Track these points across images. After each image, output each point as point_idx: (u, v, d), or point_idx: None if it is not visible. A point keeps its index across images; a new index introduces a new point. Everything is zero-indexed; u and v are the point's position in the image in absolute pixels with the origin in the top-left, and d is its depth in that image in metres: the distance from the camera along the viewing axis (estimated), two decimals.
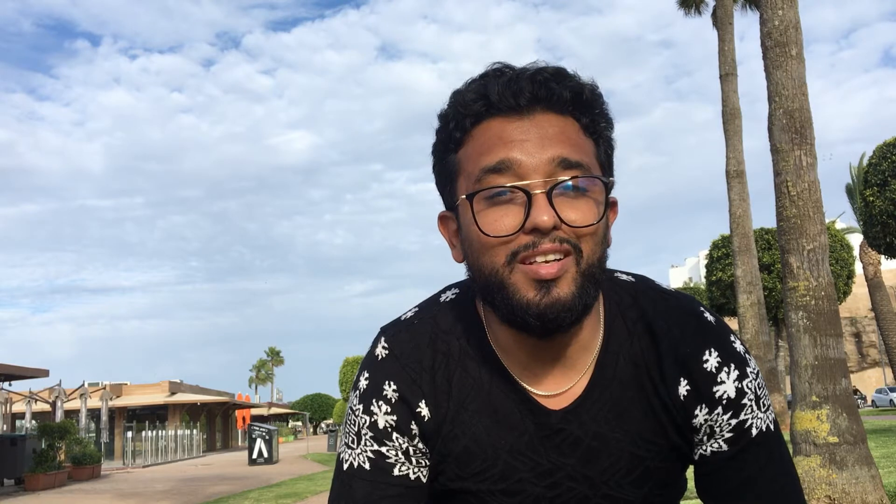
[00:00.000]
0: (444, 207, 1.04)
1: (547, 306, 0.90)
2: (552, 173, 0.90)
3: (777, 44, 6.56)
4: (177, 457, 31.78)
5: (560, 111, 0.94)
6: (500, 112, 0.94)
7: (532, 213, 0.88)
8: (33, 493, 15.57)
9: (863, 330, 60.77)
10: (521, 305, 0.91)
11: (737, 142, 17.47)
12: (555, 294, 0.90)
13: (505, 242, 0.91)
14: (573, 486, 1.02)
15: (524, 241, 0.90)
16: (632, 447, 1.01)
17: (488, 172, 0.92)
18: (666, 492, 1.06)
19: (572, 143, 0.93)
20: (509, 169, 0.91)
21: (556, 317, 0.90)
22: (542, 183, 0.89)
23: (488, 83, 0.95)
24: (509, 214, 0.91)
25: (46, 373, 22.00)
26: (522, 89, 0.93)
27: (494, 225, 0.91)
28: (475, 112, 0.95)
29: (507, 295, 0.92)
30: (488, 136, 0.94)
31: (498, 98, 0.94)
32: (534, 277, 0.90)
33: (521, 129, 0.93)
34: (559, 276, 0.89)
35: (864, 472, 5.82)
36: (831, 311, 6.13)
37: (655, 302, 1.04)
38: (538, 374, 1.01)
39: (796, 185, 6.29)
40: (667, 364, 1.00)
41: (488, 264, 0.93)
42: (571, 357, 1.00)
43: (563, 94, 0.94)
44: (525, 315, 0.91)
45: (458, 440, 1.02)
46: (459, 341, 1.04)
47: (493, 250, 0.92)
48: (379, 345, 1.06)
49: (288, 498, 11.93)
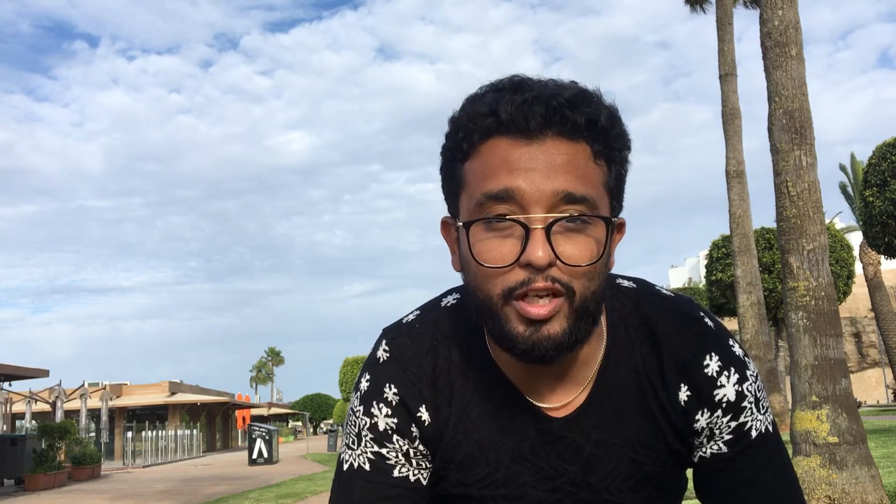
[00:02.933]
0: (446, 208, 1.03)
1: (535, 343, 0.89)
2: (555, 207, 0.87)
3: (777, 44, 6.56)
4: (177, 457, 31.76)
5: (572, 137, 0.90)
6: (510, 133, 0.90)
7: (528, 248, 0.86)
8: (33, 494, 15.57)
9: (863, 330, 60.76)
10: (511, 337, 0.90)
11: (737, 142, 17.46)
12: (545, 332, 0.89)
13: (500, 274, 0.89)
14: (574, 492, 1.03)
15: (519, 276, 0.88)
16: (631, 452, 1.02)
17: (490, 198, 0.89)
18: (664, 495, 1.07)
19: (580, 174, 0.89)
20: (511, 198, 0.88)
21: (543, 353, 0.90)
22: (542, 218, 0.87)
23: (501, 99, 0.90)
24: (506, 245, 0.89)
25: (46, 373, 22.02)
26: (535, 112, 0.88)
27: (490, 254, 0.89)
28: (484, 128, 0.91)
29: (499, 324, 0.91)
30: (494, 156, 0.90)
31: (508, 118, 0.89)
32: (525, 315, 0.89)
33: (528, 154, 0.89)
34: (550, 316, 0.89)
35: (864, 472, 5.82)
36: (831, 311, 6.13)
37: (656, 307, 1.04)
38: (538, 387, 1.01)
39: (796, 185, 6.29)
40: (668, 370, 1.00)
41: (483, 290, 0.91)
42: (571, 373, 1.00)
43: (577, 120, 0.89)
44: (513, 346, 0.91)
45: (460, 446, 1.02)
46: (461, 348, 1.04)
47: (488, 280, 0.90)
48: (380, 347, 1.06)
49: (288, 498, 11.93)
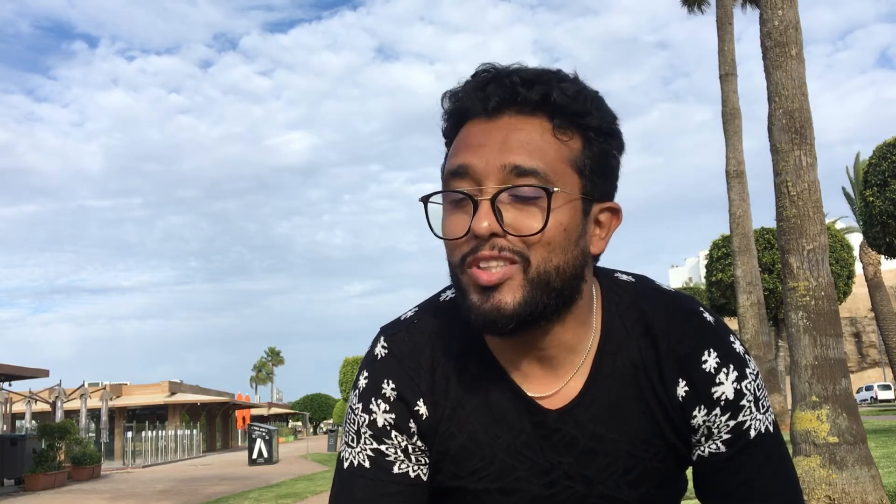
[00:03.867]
0: None
1: (486, 311, 0.92)
2: (505, 180, 0.91)
3: (777, 44, 6.56)
4: (177, 457, 31.77)
5: (529, 113, 0.94)
6: (474, 115, 0.97)
7: (474, 219, 0.90)
8: (33, 494, 15.57)
9: (863, 330, 60.76)
10: (468, 306, 0.94)
11: (737, 142, 17.45)
12: (495, 300, 0.91)
13: (457, 245, 0.94)
14: (570, 486, 1.02)
15: (471, 245, 0.92)
16: (629, 447, 1.01)
17: (450, 175, 0.95)
18: (664, 492, 1.06)
19: (533, 148, 0.92)
20: (466, 174, 0.93)
21: (493, 321, 0.92)
22: (490, 189, 0.91)
23: (466, 87, 0.98)
24: (461, 218, 0.93)
25: (46, 373, 22.02)
26: (491, 92, 0.95)
27: (447, 227, 0.95)
28: (454, 118, 0.99)
29: (461, 293, 0.95)
30: (460, 138, 0.97)
31: (470, 103, 0.96)
32: (476, 282, 0.92)
33: (484, 132, 0.94)
34: (500, 283, 0.91)
35: (864, 472, 5.82)
36: (831, 311, 6.13)
37: (655, 302, 1.04)
38: (527, 374, 1.02)
39: (796, 185, 6.29)
40: (665, 364, 1.00)
41: (451, 263, 0.96)
42: (555, 359, 1.01)
43: (529, 95, 0.93)
44: (470, 315, 0.94)
45: (455, 438, 1.03)
46: (458, 341, 1.05)
47: (452, 250, 0.95)
48: (378, 344, 1.07)
49: (288, 498, 11.93)
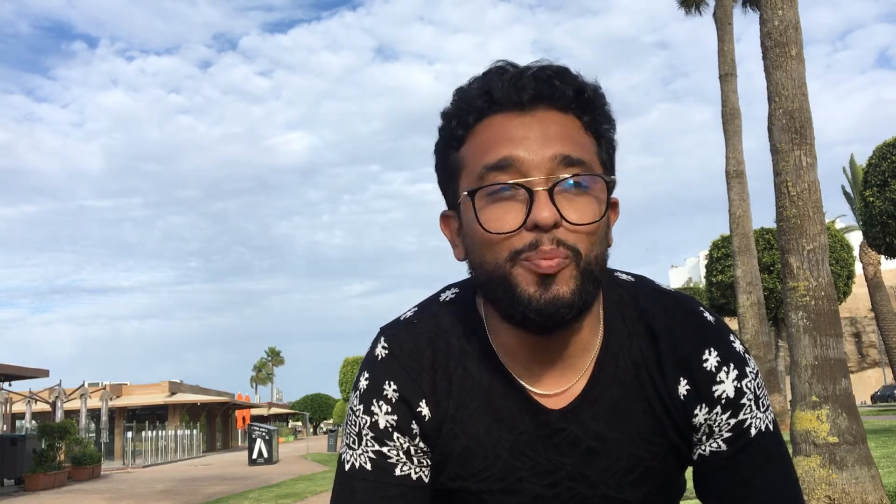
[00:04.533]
0: (445, 207, 1.04)
1: (546, 302, 0.90)
2: (554, 171, 0.90)
3: (777, 44, 6.55)
4: (177, 457, 31.74)
5: (562, 109, 0.95)
6: (503, 109, 0.94)
7: (533, 210, 0.88)
8: (33, 494, 15.56)
9: (863, 330, 60.75)
10: (523, 300, 0.91)
11: (736, 142, 17.45)
12: (554, 290, 0.90)
13: (507, 239, 0.91)
14: (572, 486, 1.02)
15: (526, 238, 0.89)
16: (631, 447, 1.01)
17: (490, 170, 0.92)
18: (664, 492, 1.06)
19: (574, 141, 0.93)
20: (511, 166, 0.91)
21: (555, 312, 0.90)
22: (543, 180, 0.89)
23: (491, 80, 0.95)
24: (511, 212, 0.91)
25: (46, 373, 22.01)
26: (525, 86, 0.93)
27: (496, 222, 0.91)
28: (478, 109, 0.95)
29: (508, 289, 0.91)
30: (490, 133, 0.94)
31: (501, 94, 0.94)
32: (535, 271, 0.90)
33: (523, 126, 0.93)
34: (558, 271, 0.90)
35: (864, 472, 5.82)
36: (831, 311, 6.13)
37: (655, 301, 1.04)
38: (538, 373, 1.01)
39: (796, 185, 6.29)
40: (667, 364, 1.00)
41: (491, 260, 0.93)
42: (571, 357, 1.00)
43: (565, 91, 0.94)
44: (526, 310, 0.91)
45: (458, 439, 1.02)
46: (460, 340, 1.04)
47: (495, 247, 0.92)
48: (379, 345, 1.06)
49: (288, 498, 11.92)
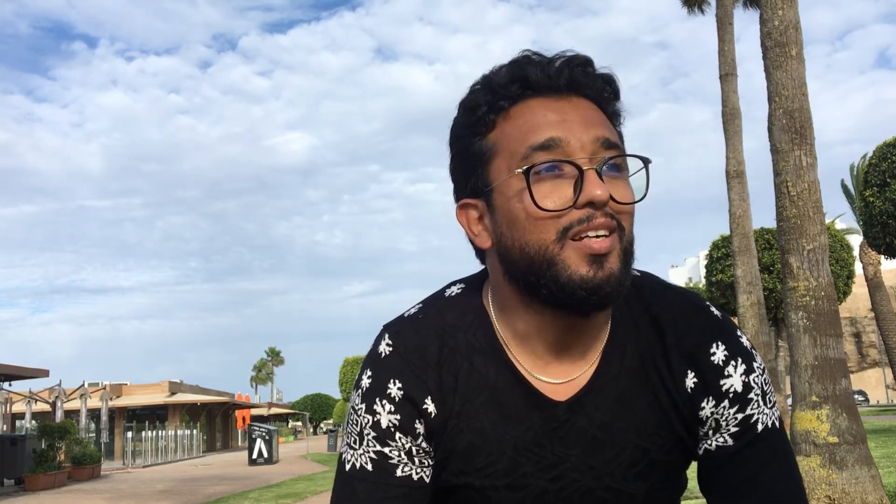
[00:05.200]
0: (454, 202, 1.03)
1: (602, 280, 0.90)
2: (597, 152, 0.92)
3: (777, 44, 6.56)
4: (177, 457, 31.75)
5: (592, 97, 0.98)
6: (539, 93, 0.96)
7: (585, 187, 0.89)
8: (33, 494, 15.57)
9: (863, 330, 60.78)
10: (574, 281, 0.90)
11: (737, 142, 17.44)
12: (608, 268, 0.90)
13: (555, 217, 0.90)
14: (577, 478, 1.02)
15: (577, 215, 0.90)
16: (637, 439, 1.01)
17: (536, 150, 0.92)
18: (668, 486, 1.06)
19: (608, 126, 0.97)
20: (557, 146, 0.92)
21: (611, 291, 0.91)
22: (589, 160, 0.91)
23: (524, 66, 0.97)
24: (560, 189, 0.91)
25: (46, 373, 22.02)
26: (561, 72, 0.96)
27: (547, 199, 0.91)
28: (512, 94, 0.97)
29: (556, 272, 0.91)
30: (530, 115, 0.95)
31: (538, 80, 0.96)
32: (588, 252, 0.90)
33: (562, 110, 0.95)
34: (610, 250, 0.91)
35: (864, 472, 5.82)
36: (831, 311, 6.14)
37: (661, 295, 1.04)
38: (549, 361, 1.01)
39: (796, 185, 6.29)
40: (674, 356, 1.00)
41: (535, 241, 0.92)
42: (585, 345, 1.00)
43: (596, 80, 0.97)
44: (578, 290, 0.90)
45: (462, 435, 1.01)
46: (466, 335, 1.03)
47: (542, 225, 0.91)
48: (382, 342, 1.04)
49: (288, 498, 11.92)
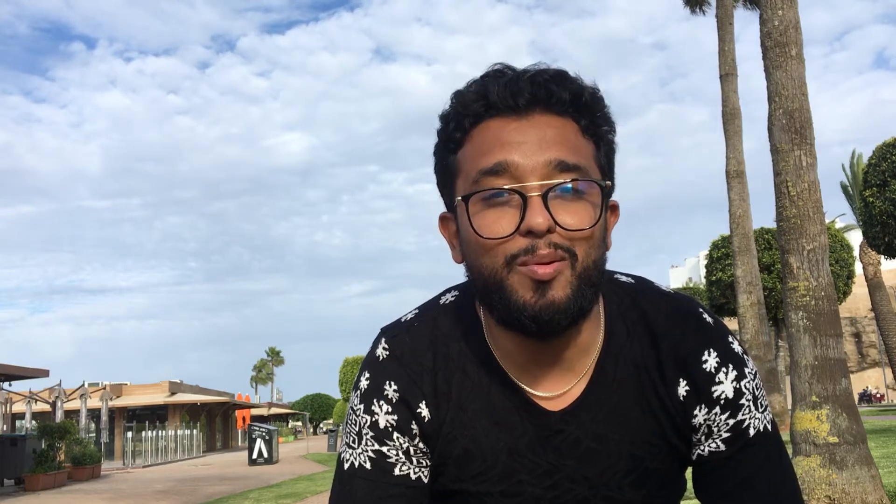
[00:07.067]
0: (444, 208, 1.04)
1: (542, 308, 0.90)
2: (549, 176, 0.90)
3: (777, 44, 6.56)
4: (177, 457, 31.77)
5: (559, 112, 0.94)
6: (500, 112, 0.94)
7: (527, 215, 0.88)
8: (33, 494, 15.56)
9: (863, 330, 60.75)
10: (518, 306, 0.90)
11: (737, 142, 17.45)
12: (550, 296, 0.89)
13: (501, 244, 0.90)
14: (572, 488, 1.02)
15: (521, 244, 0.89)
16: (631, 448, 1.01)
17: (485, 174, 0.91)
18: (665, 493, 1.06)
19: (570, 146, 0.93)
20: (506, 171, 0.90)
21: (550, 318, 0.90)
22: (538, 186, 0.89)
23: (488, 84, 0.95)
24: (505, 217, 0.90)
25: (46, 373, 22.02)
26: (522, 90, 0.93)
27: (490, 227, 0.91)
28: (474, 112, 0.95)
29: (504, 296, 0.91)
30: (486, 137, 0.94)
31: (497, 98, 0.93)
32: (531, 277, 0.89)
33: (519, 130, 0.92)
34: (554, 277, 0.89)
35: (864, 472, 5.82)
36: (831, 312, 6.14)
37: (655, 303, 1.04)
38: (537, 376, 1.01)
39: (796, 185, 6.29)
40: (667, 365, 1.01)
41: (487, 265, 0.92)
42: (570, 360, 1.00)
43: (562, 95, 0.94)
44: (521, 316, 0.91)
45: (457, 442, 1.02)
46: (459, 343, 1.04)
47: (490, 252, 0.91)
48: (380, 346, 1.06)
49: (288, 498, 11.93)
